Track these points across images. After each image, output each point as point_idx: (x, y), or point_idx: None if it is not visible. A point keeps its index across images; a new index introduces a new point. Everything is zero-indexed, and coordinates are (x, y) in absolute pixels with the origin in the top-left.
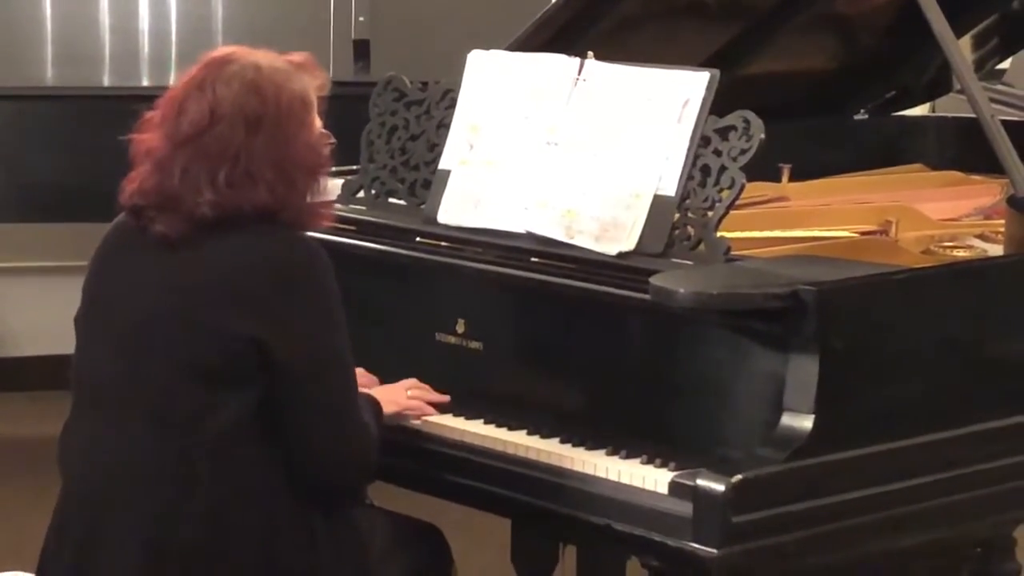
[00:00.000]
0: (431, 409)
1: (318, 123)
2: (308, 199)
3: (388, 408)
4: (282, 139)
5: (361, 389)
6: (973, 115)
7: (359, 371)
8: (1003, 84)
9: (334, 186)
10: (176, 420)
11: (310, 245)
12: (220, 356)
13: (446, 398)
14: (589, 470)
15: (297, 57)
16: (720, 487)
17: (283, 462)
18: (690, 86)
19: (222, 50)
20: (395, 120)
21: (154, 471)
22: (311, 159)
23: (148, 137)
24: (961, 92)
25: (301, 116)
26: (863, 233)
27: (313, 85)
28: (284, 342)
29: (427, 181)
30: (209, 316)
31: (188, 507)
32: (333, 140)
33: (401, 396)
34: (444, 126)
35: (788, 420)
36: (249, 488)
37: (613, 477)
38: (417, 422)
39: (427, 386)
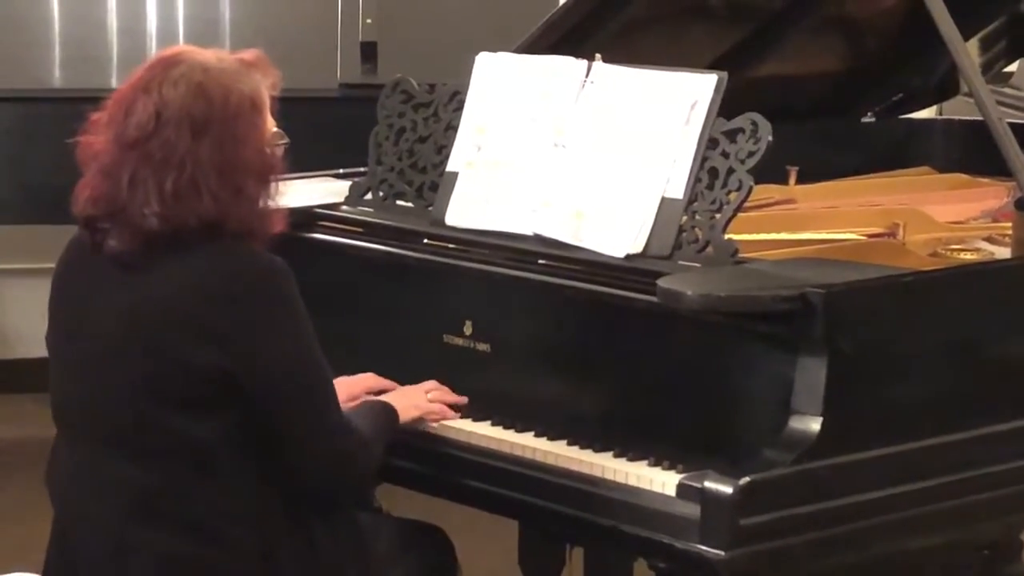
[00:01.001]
0: (451, 412)
1: (270, 123)
2: (260, 205)
3: (408, 413)
4: (230, 143)
5: (380, 396)
6: (980, 118)
7: (368, 375)
8: (1010, 87)
9: (290, 191)
10: (153, 448)
11: (261, 260)
12: (185, 384)
13: (464, 399)
14: (597, 472)
15: (248, 55)
16: (728, 489)
17: (275, 472)
18: (698, 88)
19: (170, 49)
20: (403, 122)
21: (139, 498)
22: (261, 163)
23: (95, 140)
24: (968, 95)
25: (250, 118)
26: (870, 236)
27: (264, 84)
28: (245, 365)
29: (435, 183)
30: (169, 347)
31: (182, 527)
32: (286, 140)
33: (421, 399)
34: (452, 128)
35: (796, 422)
36: (242, 502)
37: (621, 479)
38: (425, 424)
39: (446, 388)
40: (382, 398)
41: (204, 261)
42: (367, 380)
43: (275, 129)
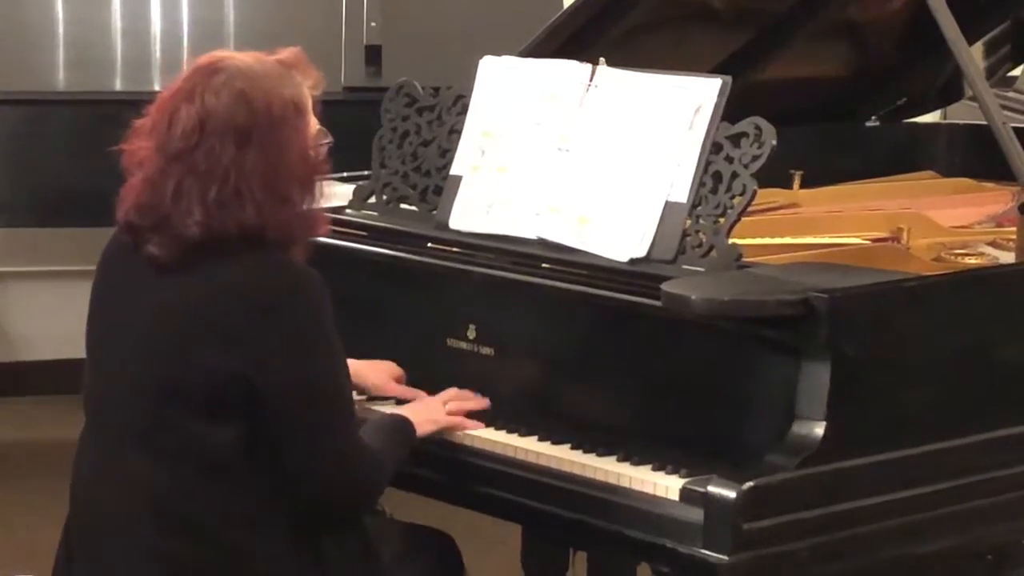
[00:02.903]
0: (471, 422)
1: (313, 123)
2: (305, 207)
3: (425, 428)
4: (274, 151)
5: (397, 408)
6: (985, 122)
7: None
8: (1015, 91)
9: (333, 192)
10: (167, 449)
11: (295, 272)
12: (207, 389)
13: (485, 402)
14: (600, 476)
15: (287, 56)
16: (731, 494)
17: (283, 481)
18: (702, 92)
19: (210, 56)
20: (407, 126)
21: (150, 496)
22: (305, 168)
23: (139, 147)
24: (973, 99)
25: (294, 122)
26: (874, 240)
27: (306, 85)
28: (266, 376)
29: (439, 187)
30: (194, 350)
31: (188, 529)
32: (330, 139)
33: (439, 412)
34: (456, 132)
35: (799, 427)
36: (249, 509)
37: (624, 483)
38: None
39: (467, 392)
40: (399, 410)
41: (240, 269)
42: (388, 369)
43: (318, 127)
